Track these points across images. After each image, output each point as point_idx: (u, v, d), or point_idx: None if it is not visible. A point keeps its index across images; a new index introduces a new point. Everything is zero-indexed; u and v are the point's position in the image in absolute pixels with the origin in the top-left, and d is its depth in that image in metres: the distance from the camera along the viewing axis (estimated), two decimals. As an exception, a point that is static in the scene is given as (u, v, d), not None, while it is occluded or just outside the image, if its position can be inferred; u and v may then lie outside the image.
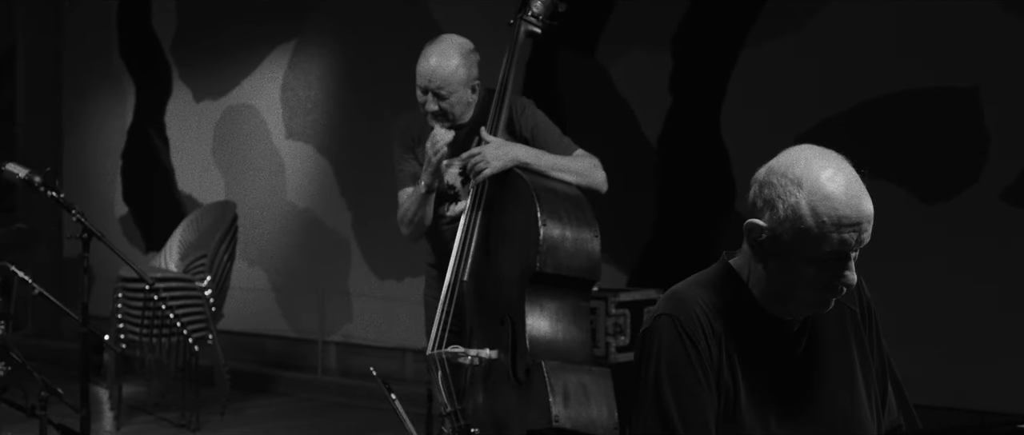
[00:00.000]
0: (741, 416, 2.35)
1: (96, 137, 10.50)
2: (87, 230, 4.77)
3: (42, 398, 4.98)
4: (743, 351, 2.38)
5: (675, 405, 2.32)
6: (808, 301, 2.35)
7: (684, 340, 2.34)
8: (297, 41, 8.82)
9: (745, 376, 2.37)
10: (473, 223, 4.01)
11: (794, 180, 2.28)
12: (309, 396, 8.19)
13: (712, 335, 2.36)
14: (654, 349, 2.37)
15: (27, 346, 7.88)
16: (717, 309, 2.38)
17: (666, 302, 2.42)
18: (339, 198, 8.53)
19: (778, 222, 2.29)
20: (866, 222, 2.27)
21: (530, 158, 4.01)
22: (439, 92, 4.11)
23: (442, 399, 4.04)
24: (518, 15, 4.14)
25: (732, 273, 2.43)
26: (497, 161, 3.95)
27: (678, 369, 2.34)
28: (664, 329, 2.37)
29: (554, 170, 4.03)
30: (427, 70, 4.13)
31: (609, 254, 6.83)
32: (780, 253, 2.31)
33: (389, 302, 8.01)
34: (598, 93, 7.07)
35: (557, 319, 3.88)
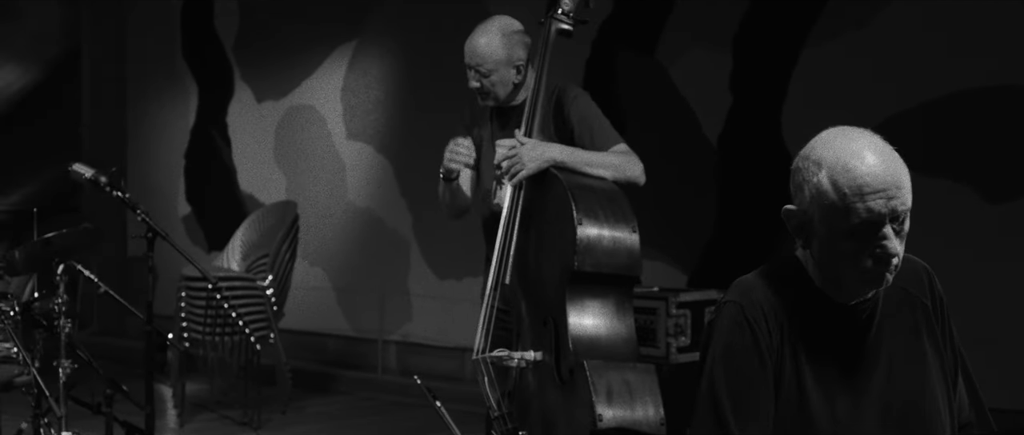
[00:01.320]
0: (807, 403, 2.35)
1: (159, 138, 10.62)
2: (152, 229, 4.82)
3: (108, 395, 5.05)
4: (808, 339, 2.38)
5: (727, 389, 2.33)
6: (858, 278, 2.33)
7: (743, 326, 2.35)
8: (357, 42, 8.86)
9: (810, 364, 2.36)
10: (512, 225, 4.01)
11: (816, 161, 2.30)
12: (369, 395, 8.22)
13: (775, 322, 2.36)
14: (715, 336, 2.39)
15: (92, 344, 7.98)
16: (781, 297, 2.39)
17: (731, 291, 2.44)
18: (399, 198, 8.57)
19: (807, 204, 2.31)
20: (892, 188, 2.25)
21: (565, 157, 3.98)
22: (479, 68, 4.14)
23: (490, 402, 4.04)
24: (548, 13, 4.12)
25: (796, 263, 2.44)
26: (533, 162, 3.95)
27: (734, 354, 2.35)
28: (726, 315, 2.39)
29: (589, 167, 4.00)
30: (469, 47, 4.19)
31: (668, 254, 6.83)
32: (817, 234, 2.32)
33: (448, 302, 8.03)
34: (658, 93, 7.04)
35: (599, 317, 3.86)
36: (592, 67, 7.26)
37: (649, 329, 5.34)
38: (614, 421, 3.68)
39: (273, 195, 9.31)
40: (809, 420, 2.34)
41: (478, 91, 4.19)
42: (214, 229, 9.95)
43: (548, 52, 4.07)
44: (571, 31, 4.10)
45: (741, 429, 2.31)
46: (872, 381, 2.39)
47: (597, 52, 7.25)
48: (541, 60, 4.07)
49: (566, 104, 4.14)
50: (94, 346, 7.38)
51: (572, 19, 4.11)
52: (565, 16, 4.09)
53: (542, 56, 4.08)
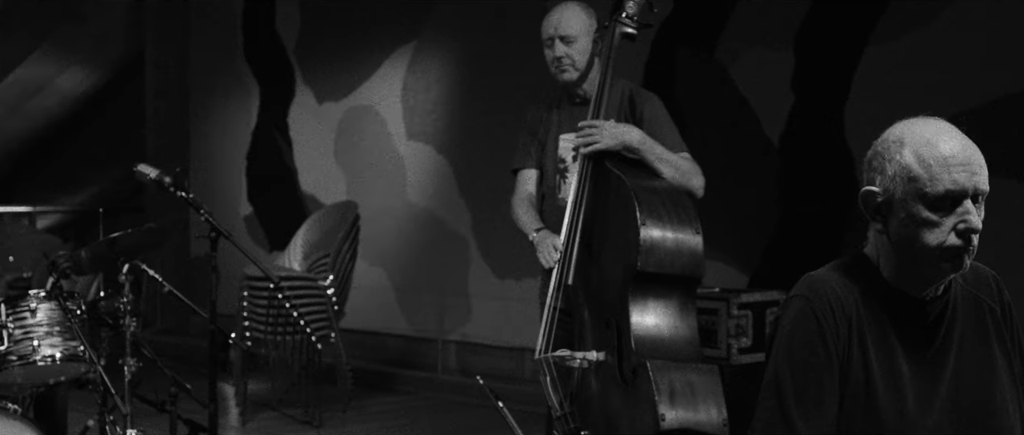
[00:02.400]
0: (875, 398, 2.35)
1: (222, 138, 10.72)
2: (215, 229, 4.86)
3: (172, 394, 5.11)
4: (877, 335, 2.38)
5: (791, 380, 2.35)
6: (938, 257, 2.33)
7: (810, 318, 2.36)
8: (417, 42, 8.90)
9: (879, 359, 2.37)
10: (575, 226, 4.01)
11: (896, 141, 2.37)
12: (429, 395, 8.25)
13: (842, 316, 2.37)
14: (782, 328, 2.40)
15: (156, 343, 8.07)
16: (851, 292, 2.40)
17: (799, 285, 2.45)
18: (459, 198, 8.59)
19: (890, 180, 2.35)
20: (975, 166, 2.30)
21: (640, 144, 4.03)
22: (565, 37, 4.21)
23: (553, 402, 4.04)
24: (612, 17, 4.16)
25: (865, 259, 2.45)
26: (610, 139, 4.00)
27: (800, 346, 2.36)
28: (793, 309, 2.40)
29: (658, 161, 4.04)
30: (552, 20, 4.27)
31: (729, 255, 6.79)
32: (898, 209, 2.35)
33: (508, 302, 8.04)
34: (718, 93, 7.00)
35: (662, 318, 3.86)
36: (652, 68, 7.24)
37: (710, 330, 5.32)
38: (677, 422, 3.67)
39: (334, 195, 9.37)
40: (876, 414, 2.35)
41: (559, 62, 4.22)
42: (275, 229, 10.02)
43: (612, 55, 4.10)
44: (635, 35, 4.13)
45: (803, 420, 2.32)
46: (941, 379, 2.39)
47: (657, 52, 7.23)
48: (605, 63, 4.10)
49: (639, 103, 4.20)
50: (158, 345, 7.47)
51: (636, 23, 4.13)
52: (629, 20, 4.12)
53: (606, 59, 4.10)
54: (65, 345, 4.78)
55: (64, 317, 4.80)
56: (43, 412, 5.07)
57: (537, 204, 4.38)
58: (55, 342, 4.77)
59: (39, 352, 4.72)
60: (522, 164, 4.44)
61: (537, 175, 4.41)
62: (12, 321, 4.74)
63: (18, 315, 4.76)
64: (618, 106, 4.23)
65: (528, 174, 4.42)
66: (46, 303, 4.81)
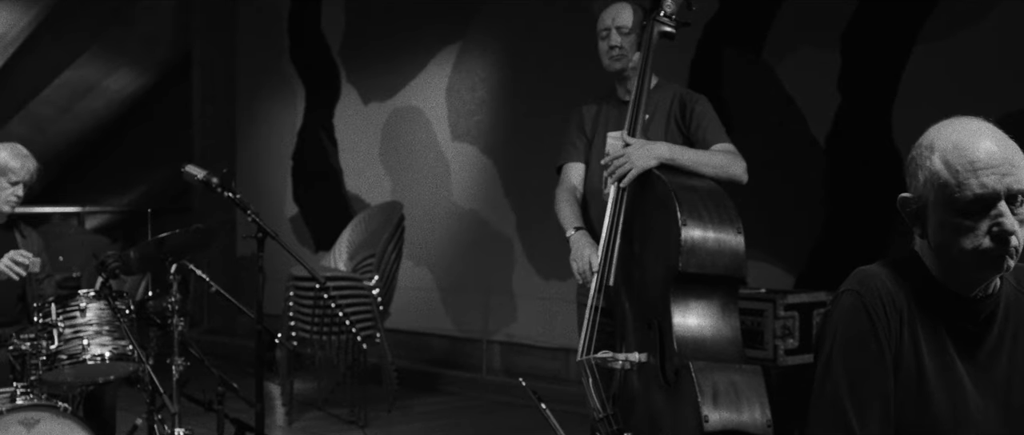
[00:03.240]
0: (927, 394, 2.34)
1: (267, 139, 10.78)
2: (262, 230, 4.88)
3: (219, 393, 5.14)
4: (929, 331, 2.37)
5: (846, 377, 2.33)
6: (976, 261, 2.31)
7: (862, 313, 2.35)
8: (462, 43, 8.91)
9: (931, 355, 2.36)
10: (615, 227, 4.01)
11: (928, 146, 2.35)
12: (474, 395, 8.26)
13: (893, 310, 2.36)
14: (832, 325, 2.38)
15: (203, 342, 8.12)
16: (901, 287, 2.39)
17: (849, 280, 2.44)
18: (503, 199, 8.59)
19: (922, 187, 2.34)
20: (1006, 166, 2.27)
21: (673, 154, 4.02)
22: (621, 27, 4.28)
23: (595, 404, 4.03)
24: (651, 16, 4.16)
25: (915, 256, 2.44)
26: (640, 161, 3.99)
27: (853, 342, 2.35)
28: (844, 304, 2.39)
29: (694, 165, 4.05)
30: (610, 12, 4.34)
31: (775, 256, 6.75)
32: (931, 216, 2.34)
33: (552, 302, 8.03)
34: (765, 92, 6.97)
35: (704, 319, 3.84)
36: (697, 68, 7.21)
37: (756, 331, 5.29)
38: (720, 423, 3.65)
39: (379, 196, 9.40)
40: (928, 410, 2.34)
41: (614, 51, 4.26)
42: (321, 229, 10.07)
43: (651, 54, 4.10)
44: (673, 33, 4.12)
45: (859, 417, 2.31)
46: (993, 379, 2.38)
47: (702, 52, 7.20)
48: (644, 62, 4.11)
49: (689, 103, 4.23)
50: (204, 344, 7.53)
51: (674, 21, 4.13)
52: (668, 18, 4.12)
53: (645, 58, 4.11)
54: (114, 344, 4.82)
55: (113, 316, 4.84)
56: (92, 410, 5.12)
57: (581, 200, 4.39)
58: (104, 341, 4.81)
59: (89, 351, 4.77)
60: (567, 158, 4.45)
61: (582, 170, 4.42)
62: (62, 320, 4.79)
63: (68, 314, 4.81)
64: (668, 110, 4.25)
65: (573, 167, 4.43)
66: (95, 302, 4.86)
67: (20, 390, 4.58)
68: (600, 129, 4.35)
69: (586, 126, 4.42)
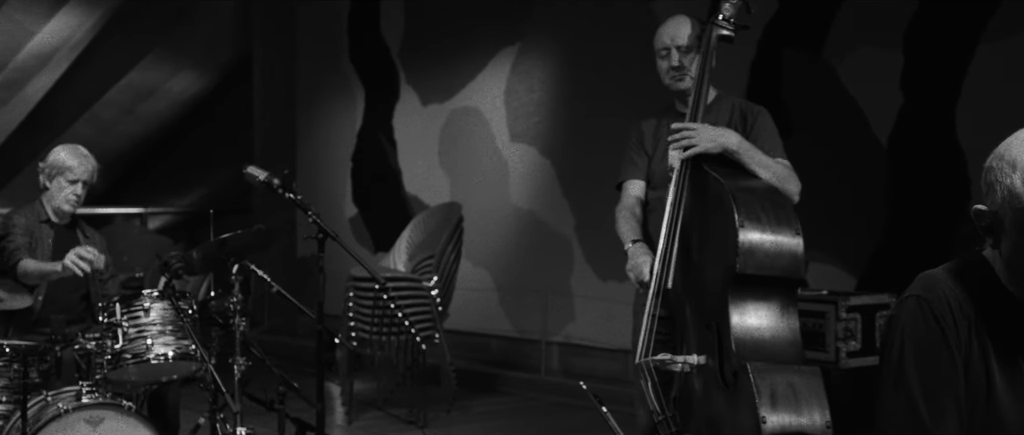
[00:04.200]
0: (997, 402, 2.31)
1: (327, 141, 10.84)
2: (322, 231, 4.91)
3: (280, 393, 5.18)
4: (996, 337, 2.33)
5: (919, 383, 2.30)
6: None
7: (931, 320, 2.32)
8: (520, 44, 8.92)
9: (1000, 364, 2.32)
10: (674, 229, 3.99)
11: (1009, 162, 2.26)
12: (532, 396, 8.26)
13: (961, 317, 2.32)
14: (899, 330, 2.34)
15: (263, 342, 8.19)
16: (969, 293, 2.35)
17: (915, 285, 2.40)
18: (562, 199, 8.59)
19: (998, 205, 2.28)
20: None
21: (739, 147, 4.01)
22: (681, 46, 4.24)
23: (653, 406, 4.02)
24: (709, 19, 4.13)
25: (983, 261, 2.40)
26: (708, 142, 3.98)
27: (924, 348, 2.32)
28: (911, 310, 2.35)
29: (756, 164, 4.03)
30: (668, 31, 4.28)
31: (837, 257, 6.70)
32: (1008, 235, 2.29)
33: (611, 303, 8.01)
34: (825, 93, 6.91)
35: (763, 320, 3.81)
36: (757, 68, 7.17)
37: (818, 333, 5.25)
38: (778, 425, 3.63)
39: (437, 197, 9.43)
40: (998, 418, 2.31)
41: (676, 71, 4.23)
42: (380, 230, 10.12)
43: (709, 57, 4.08)
44: (732, 37, 4.10)
45: (933, 419, 2.28)
46: None
47: (762, 53, 7.16)
48: (702, 66, 4.09)
49: (751, 115, 4.20)
50: (265, 344, 7.58)
51: (733, 24, 4.11)
52: (726, 22, 4.10)
53: (703, 62, 4.09)
54: (177, 344, 4.87)
55: (176, 316, 4.89)
56: (156, 409, 5.18)
57: (643, 215, 4.38)
58: (168, 341, 4.86)
59: (152, 350, 4.82)
60: (627, 176, 4.44)
61: (643, 186, 4.41)
62: (127, 320, 4.84)
63: (132, 314, 4.87)
64: (728, 121, 4.23)
65: (634, 184, 4.42)
66: (159, 302, 4.91)
67: (85, 389, 4.64)
68: (661, 144, 4.33)
69: (646, 142, 4.40)
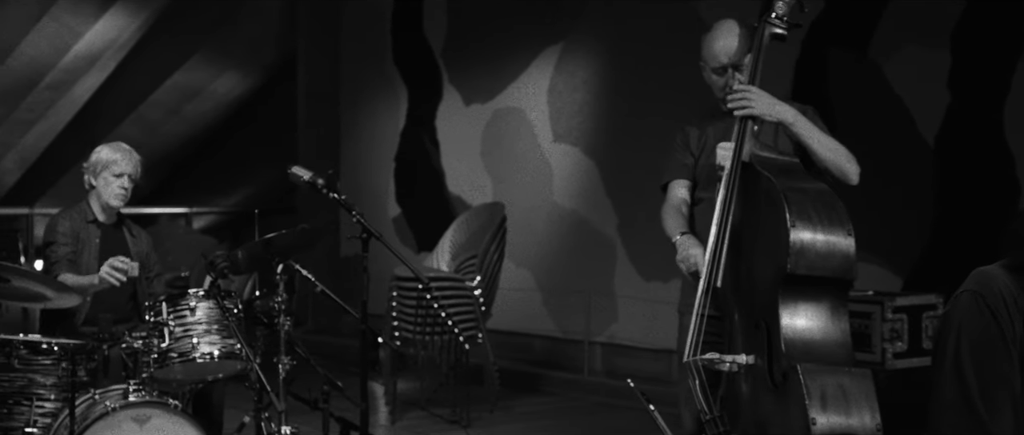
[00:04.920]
0: None
1: (370, 141, 10.88)
2: (367, 230, 4.92)
3: (324, 392, 5.19)
4: None
5: (975, 378, 2.29)
6: None
7: (987, 315, 2.31)
8: (564, 44, 8.91)
9: None
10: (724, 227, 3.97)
11: None
12: (575, 396, 8.25)
13: (1016, 313, 2.31)
14: (954, 325, 2.33)
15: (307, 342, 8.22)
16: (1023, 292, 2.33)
17: (969, 281, 2.39)
18: (605, 199, 8.57)
19: None
20: None
21: (797, 120, 3.99)
22: (738, 65, 4.17)
23: (701, 406, 4.00)
24: (762, 18, 4.09)
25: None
26: (762, 107, 3.96)
27: (979, 343, 2.31)
28: (966, 305, 2.35)
29: (813, 140, 4.00)
30: (727, 48, 4.20)
31: (883, 257, 6.65)
32: None
33: (654, 304, 7.99)
34: (871, 92, 6.86)
35: (813, 321, 3.79)
36: (802, 67, 7.13)
37: (864, 334, 5.22)
38: (828, 427, 3.60)
39: (480, 197, 9.43)
40: None
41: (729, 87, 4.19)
42: (423, 230, 10.14)
43: (762, 56, 4.06)
44: (785, 35, 4.07)
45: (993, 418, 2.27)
46: None
47: (807, 51, 7.11)
48: (755, 64, 4.06)
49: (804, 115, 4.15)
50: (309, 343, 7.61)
51: (786, 23, 4.07)
52: (779, 20, 4.07)
53: (755, 60, 4.06)
54: (223, 343, 4.89)
55: (222, 316, 4.91)
56: (202, 408, 5.20)
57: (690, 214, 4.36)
58: (213, 340, 4.89)
59: (198, 349, 4.85)
60: (673, 175, 4.42)
61: (689, 186, 4.39)
62: (173, 319, 4.87)
63: (178, 313, 4.90)
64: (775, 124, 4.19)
65: (680, 184, 4.40)
66: (205, 302, 4.94)
67: (132, 387, 4.68)
68: (709, 142, 4.31)
69: (692, 144, 4.38)
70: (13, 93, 11.23)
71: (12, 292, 4.50)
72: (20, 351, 4.65)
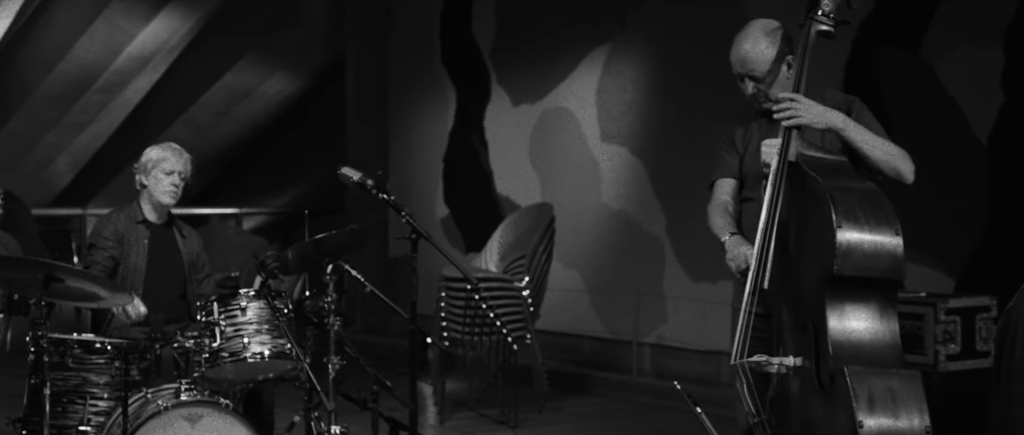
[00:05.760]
0: None
1: (419, 142, 10.90)
2: (416, 231, 4.93)
3: (374, 392, 5.21)
4: None
5: None
6: None
7: None
8: (612, 44, 8.89)
9: None
10: (770, 228, 3.95)
11: None
12: (623, 397, 8.23)
13: None
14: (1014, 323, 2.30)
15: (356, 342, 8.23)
16: None
17: None
18: (653, 199, 8.55)
19: None
20: None
21: (845, 125, 3.96)
22: (754, 74, 4.15)
23: (749, 408, 3.98)
24: (808, 15, 4.05)
25: None
26: (812, 114, 3.94)
27: None
28: None
29: (865, 144, 3.97)
30: (737, 56, 4.19)
31: (936, 259, 6.59)
32: None
33: (704, 305, 7.96)
34: (923, 92, 6.80)
35: (861, 322, 3.76)
36: (852, 68, 7.07)
37: (916, 335, 5.17)
38: (876, 429, 3.58)
39: (528, 197, 9.43)
40: None
41: (754, 97, 4.17)
42: (471, 231, 10.15)
43: (808, 54, 4.03)
44: (832, 32, 4.04)
45: None
46: None
47: (858, 52, 7.06)
48: (801, 62, 4.04)
49: (854, 111, 4.12)
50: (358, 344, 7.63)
51: (833, 20, 4.04)
52: (826, 17, 4.03)
53: (802, 58, 4.04)
54: (273, 343, 4.93)
55: (272, 316, 4.95)
56: (252, 407, 5.24)
57: (736, 214, 4.34)
58: (264, 340, 4.92)
59: (249, 349, 4.89)
60: (720, 174, 4.39)
61: (734, 185, 4.36)
62: (224, 319, 4.91)
63: (229, 313, 4.94)
64: None
65: (726, 182, 4.38)
66: (256, 302, 4.97)
67: (184, 386, 4.72)
68: (754, 140, 4.29)
69: (737, 142, 4.36)
70: (66, 96, 11.36)
71: (66, 292, 4.55)
72: (74, 350, 4.71)
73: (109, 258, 5.35)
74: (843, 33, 4.22)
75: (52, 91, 11.21)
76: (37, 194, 12.36)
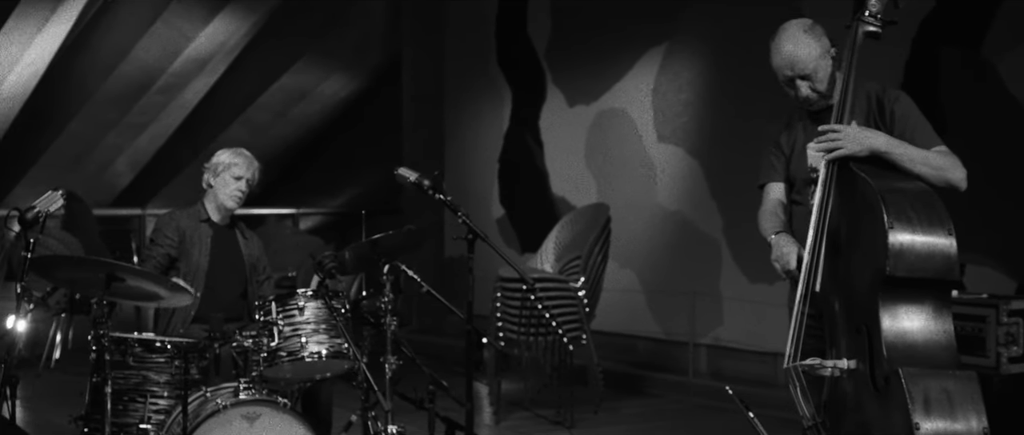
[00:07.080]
0: None
1: (474, 142, 10.93)
2: (472, 231, 4.94)
3: (430, 392, 5.23)
4: None
5: None
6: None
7: None
8: (668, 44, 8.86)
9: None
10: (821, 231, 3.92)
11: None
12: (679, 398, 8.21)
13: None
14: None
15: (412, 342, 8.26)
16: None
17: None
18: (709, 200, 8.51)
19: None
20: None
21: (889, 147, 3.90)
22: (803, 72, 4.11)
23: (802, 412, 3.96)
24: (855, 16, 4.02)
25: None
26: (854, 144, 3.89)
27: None
28: None
29: (911, 163, 3.90)
30: (785, 59, 4.15)
31: (997, 260, 6.51)
32: None
33: (760, 306, 7.92)
34: (985, 91, 6.72)
35: (915, 323, 3.72)
36: (912, 68, 7.00)
37: (978, 338, 5.11)
38: (932, 432, 3.54)
39: (584, 197, 9.42)
40: None
41: (806, 99, 4.14)
42: (526, 231, 10.15)
43: (855, 55, 3.99)
44: (879, 33, 4.00)
45: None
46: None
47: (918, 51, 6.98)
48: (849, 63, 4.01)
49: (888, 103, 4.08)
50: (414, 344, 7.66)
51: (880, 20, 4.01)
52: (872, 17, 4.00)
53: (850, 59, 4.00)
54: (331, 342, 4.96)
55: (330, 316, 4.98)
56: (310, 406, 5.27)
57: (786, 216, 4.31)
58: (321, 339, 4.96)
59: (307, 349, 4.92)
60: (768, 178, 4.37)
61: (784, 188, 4.34)
62: (282, 318, 4.95)
63: (287, 313, 4.97)
64: (865, 111, 4.11)
65: (775, 186, 4.35)
66: (313, 302, 5.01)
67: (242, 385, 4.75)
68: (800, 142, 4.26)
69: (782, 145, 4.33)
70: (125, 97, 11.49)
71: (127, 291, 4.60)
72: (135, 349, 4.76)
73: (165, 255, 5.41)
74: (903, 32, 4.19)
75: (112, 93, 11.35)
76: (98, 195, 12.52)
